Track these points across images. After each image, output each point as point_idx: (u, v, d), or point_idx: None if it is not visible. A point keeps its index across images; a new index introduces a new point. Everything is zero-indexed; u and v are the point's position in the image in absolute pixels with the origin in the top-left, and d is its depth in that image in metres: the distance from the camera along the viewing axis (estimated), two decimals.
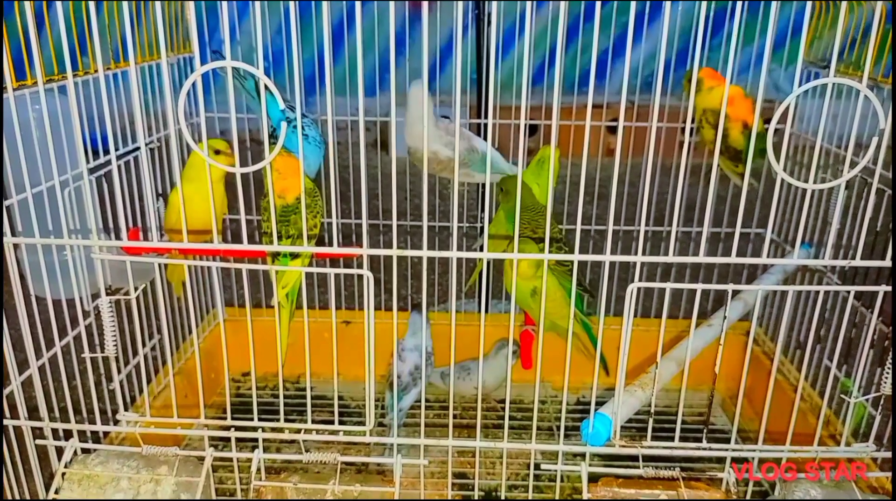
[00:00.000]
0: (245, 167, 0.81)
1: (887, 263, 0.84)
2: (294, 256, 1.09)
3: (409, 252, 0.83)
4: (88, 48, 0.99)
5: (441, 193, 1.69)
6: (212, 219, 0.92)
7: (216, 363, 1.41)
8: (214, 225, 0.84)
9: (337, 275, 1.31)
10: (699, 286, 0.86)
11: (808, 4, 0.80)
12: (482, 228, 1.63)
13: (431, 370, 1.35)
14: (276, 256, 1.07)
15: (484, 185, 1.66)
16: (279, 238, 1.08)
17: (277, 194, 1.08)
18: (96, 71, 1.05)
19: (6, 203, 0.90)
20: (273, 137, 1.23)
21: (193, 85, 0.75)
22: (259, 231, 1.15)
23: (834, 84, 0.77)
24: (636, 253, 0.85)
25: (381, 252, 0.84)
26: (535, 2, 1.42)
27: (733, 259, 0.84)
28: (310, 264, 1.12)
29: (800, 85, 0.79)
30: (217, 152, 1.12)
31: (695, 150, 1.47)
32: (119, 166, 0.96)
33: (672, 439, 0.93)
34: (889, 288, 0.87)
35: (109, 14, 1.09)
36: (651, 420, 0.93)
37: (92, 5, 0.77)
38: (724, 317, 0.91)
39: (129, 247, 0.89)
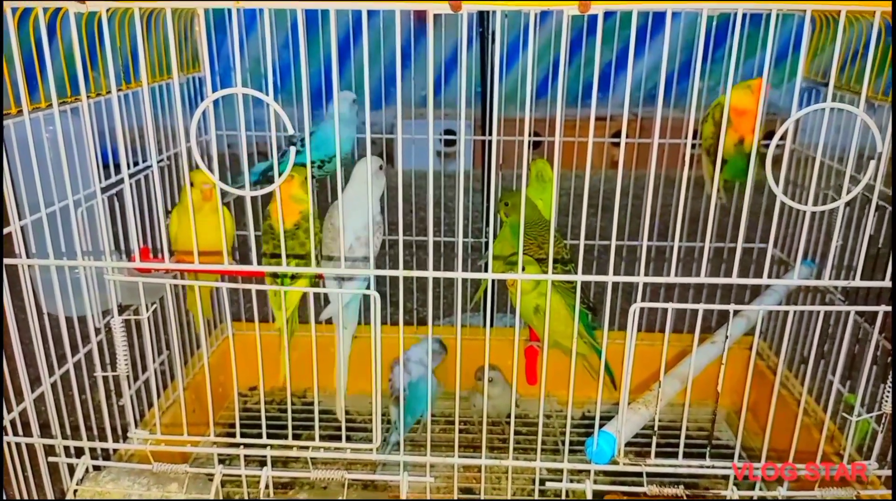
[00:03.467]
0: (252, 191, 0.82)
1: (887, 283, 0.85)
2: (293, 277, 1.11)
3: (416, 273, 0.85)
4: (100, 69, 1.01)
5: (446, 205, 1.70)
6: (209, 240, 0.94)
7: (223, 378, 1.42)
8: (225, 246, 0.86)
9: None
10: (701, 306, 0.87)
11: (808, 12, 0.80)
12: (487, 243, 1.64)
13: (437, 389, 1.36)
14: (276, 278, 1.09)
15: (489, 200, 1.67)
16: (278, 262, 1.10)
17: (275, 220, 1.10)
18: (108, 92, 1.08)
19: (21, 223, 0.92)
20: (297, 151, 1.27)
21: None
22: (258, 253, 1.16)
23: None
24: (639, 272, 0.86)
25: (388, 273, 0.86)
26: (538, 13, 1.43)
27: (735, 280, 0.85)
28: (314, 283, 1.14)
29: (800, 104, 0.80)
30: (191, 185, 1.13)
31: (697, 162, 1.48)
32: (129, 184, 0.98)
33: (676, 456, 0.93)
34: (889, 308, 0.88)
35: (121, 35, 1.11)
36: (655, 438, 0.94)
37: (105, 25, 0.79)
38: (727, 337, 0.92)
39: (141, 267, 0.91)
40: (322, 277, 1.11)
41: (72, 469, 0.97)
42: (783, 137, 0.80)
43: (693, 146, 1.31)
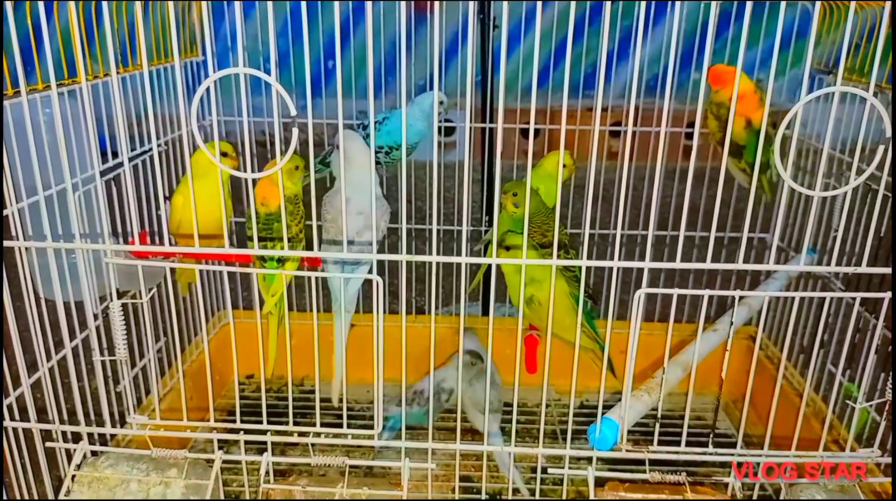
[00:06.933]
0: (253, 172, 0.81)
1: (889, 270, 0.85)
2: (280, 260, 1.10)
3: (419, 257, 0.84)
4: (98, 52, 1.00)
5: (444, 195, 1.69)
6: (214, 220, 0.93)
7: (221, 365, 1.42)
8: (226, 229, 0.85)
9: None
10: (705, 292, 0.86)
11: (818, 5, 0.80)
12: (487, 231, 1.63)
13: (442, 403, 1.35)
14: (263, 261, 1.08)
15: (491, 191, 1.66)
16: (265, 246, 1.09)
17: (260, 202, 1.09)
18: (106, 75, 1.07)
19: (18, 206, 0.91)
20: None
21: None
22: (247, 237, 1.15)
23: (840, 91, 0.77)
24: (642, 258, 0.86)
25: (392, 257, 0.85)
26: (542, 3, 1.42)
27: (740, 265, 0.85)
28: (300, 268, 1.13)
29: (799, 94, 0.79)
30: (224, 155, 1.13)
31: (699, 153, 1.47)
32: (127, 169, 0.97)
33: (678, 443, 0.93)
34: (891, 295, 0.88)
35: (118, 18, 1.09)
36: (657, 425, 0.93)
37: (104, 7, 0.77)
38: (731, 323, 0.91)
39: (139, 251, 0.90)
40: (308, 261, 1.10)
41: (69, 454, 0.96)
42: (788, 126, 0.79)
43: (691, 136, 1.30)
